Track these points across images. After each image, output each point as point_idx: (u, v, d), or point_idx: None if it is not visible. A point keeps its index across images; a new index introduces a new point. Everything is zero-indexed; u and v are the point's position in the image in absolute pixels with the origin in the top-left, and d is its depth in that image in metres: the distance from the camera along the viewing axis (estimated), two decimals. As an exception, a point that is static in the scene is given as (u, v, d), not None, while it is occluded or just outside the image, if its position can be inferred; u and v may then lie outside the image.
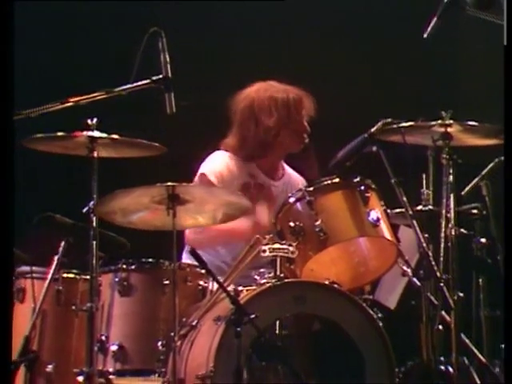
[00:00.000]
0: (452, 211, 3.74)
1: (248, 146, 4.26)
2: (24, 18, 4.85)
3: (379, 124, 3.82)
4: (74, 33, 4.98)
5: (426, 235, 3.78)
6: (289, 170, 4.41)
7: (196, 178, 4.24)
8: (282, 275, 3.67)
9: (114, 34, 4.94)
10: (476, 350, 3.82)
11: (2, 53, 3.20)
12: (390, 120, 3.82)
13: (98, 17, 5.01)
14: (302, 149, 4.23)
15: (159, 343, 3.73)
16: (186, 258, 4.06)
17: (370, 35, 4.90)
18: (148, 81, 3.66)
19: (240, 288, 3.66)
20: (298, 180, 4.39)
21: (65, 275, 3.88)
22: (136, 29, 4.02)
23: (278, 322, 3.57)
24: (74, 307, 3.83)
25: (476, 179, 4.03)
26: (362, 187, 3.81)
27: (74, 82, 4.24)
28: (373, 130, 3.83)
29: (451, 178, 3.76)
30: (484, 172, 4.05)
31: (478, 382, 3.69)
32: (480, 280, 3.96)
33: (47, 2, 4.96)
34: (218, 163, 4.26)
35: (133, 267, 3.86)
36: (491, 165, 4.05)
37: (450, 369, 3.64)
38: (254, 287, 3.66)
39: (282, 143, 4.25)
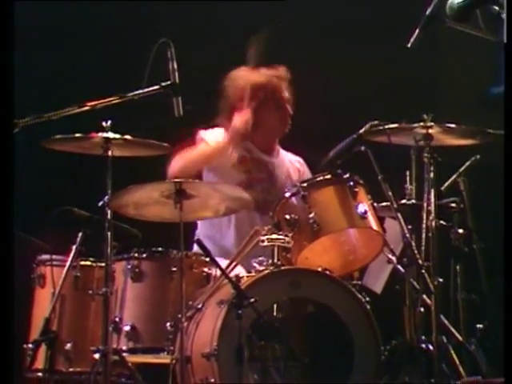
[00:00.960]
0: (432, 205, 3.73)
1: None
2: (36, 26, 4.86)
3: (367, 126, 3.82)
4: (85, 42, 4.95)
5: (409, 226, 3.76)
6: (285, 152, 4.37)
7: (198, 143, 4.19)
8: (279, 263, 3.67)
9: (123, 43, 4.92)
10: (454, 330, 3.81)
11: (3, 53, 3.10)
12: (376, 122, 3.82)
13: (109, 27, 4.99)
14: None
15: (168, 324, 3.72)
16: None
17: (356, 39, 4.88)
18: (158, 86, 3.66)
19: (241, 274, 3.67)
20: (295, 159, 4.36)
21: (82, 263, 3.88)
22: (143, 39, 4.04)
23: (275, 306, 3.58)
24: (90, 292, 3.83)
25: (454, 176, 4.04)
26: (351, 183, 3.82)
27: (84, 88, 4.21)
28: (361, 131, 3.82)
29: (432, 174, 3.75)
30: (461, 169, 4.05)
31: (456, 358, 3.67)
32: (457, 267, 3.96)
33: (57, 12, 4.94)
34: (217, 134, 4.21)
35: (144, 255, 3.86)
36: (468, 163, 4.06)
37: (431, 346, 3.62)
38: (253, 274, 3.66)
39: (265, 122, 4.23)
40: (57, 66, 4.82)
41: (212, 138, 4.18)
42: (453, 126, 3.82)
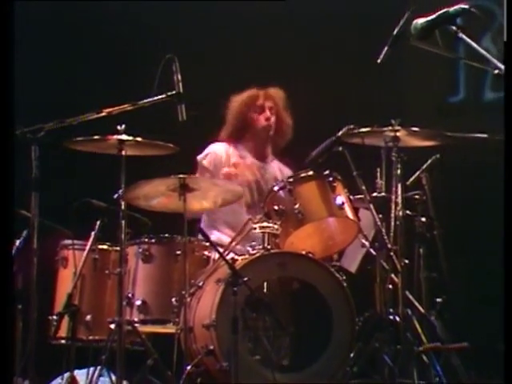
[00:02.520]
0: (399, 197, 3.74)
1: (231, 131, 4.25)
2: (59, 42, 4.81)
3: (344, 129, 3.82)
4: (100, 55, 4.92)
5: (380, 215, 3.77)
6: (277, 161, 4.35)
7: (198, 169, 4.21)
8: (268, 247, 3.67)
9: (132, 56, 4.89)
10: (417, 303, 3.80)
11: (3, 55, 2.96)
12: (352, 126, 3.82)
13: (122, 43, 4.95)
14: None
15: (173, 299, 3.72)
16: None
17: (337, 57, 4.87)
18: (164, 95, 3.66)
19: (236, 257, 3.67)
20: (286, 170, 4.32)
21: (100, 247, 3.86)
22: (150, 52, 4.01)
23: (265, 283, 3.58)
24: (106, 271, 3.82)
25: (418, 172, 4.02)
26: (330, 178, 3.82)
27: (99, 96, 4.18)
28: (339, 134, 3.82)
29: (399, 171, 3.76)
30: (424, 167, 4.03)
31: (418, 327, 3.67)
32: (420, 250, 3.95)
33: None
34: (209, 151, 4.21)
35: (153, 240, 3.85)
36: (429, 161, 4.05)
37: (397, 318, 3.64)
38: (247, 256, 3.66)
39: (251, 128, 4.22)
40: (76, 78, 4.79)
41: (205, 156, 4.18)
42: (416, 129, 3.82)
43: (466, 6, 2.86)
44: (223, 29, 4.96)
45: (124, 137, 3.66)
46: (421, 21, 2.90)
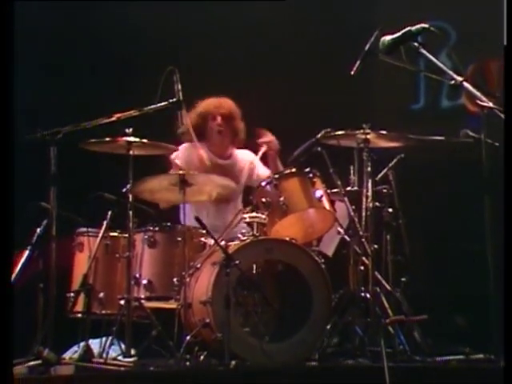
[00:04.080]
0: (370, 191, 3.75)
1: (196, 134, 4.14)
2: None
3: (322, 132, 3.81)
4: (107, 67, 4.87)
5: (353, 207, 3.77)
6: (238, 152, 4.28)
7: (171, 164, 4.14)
8: (257, 234, 3.66)
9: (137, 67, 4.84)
10: (384, 282, 3.80)
11: (2, 54, 2.76)
12: (329, 129, 3.82)
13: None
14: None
15: (175, 279, 3.69)
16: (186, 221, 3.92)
17: (317, 69, 4.84)
18: (166, 102, 3.64)
19: (229, 242, 3.65)
20: (247, 159, 4.25)
21: (111, 234, 3.81)
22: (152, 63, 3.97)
23: (254, 266, 3.56)
24: (117, 255, 3.76)
25: (385, 169, 4.03)
26: (311, 174, 3.80)
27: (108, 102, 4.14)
28: (318, 136, 3.81)
29: (369, 168, 3.76)
30: (390, 164, 4.03)
31: (385, 303, 3.68)
32: (388, 236, 3.95)
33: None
34: (180, 151, 4.13)
35: (157, 228, 3.82)
36: (395, 160, 4.05)
37: (368, 295, 3.65)
38: (238, 242, 3.64)
39: (207, 132, 4.19)
40: (89, 88, 4.75)
41: (177, 155, 4.11)
42: (384, 132, 3.83)
43: (426, 25, 2.86)
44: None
45: (132, 138, 3.64)
46: (387, 38, 2.90)
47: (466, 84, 2.68)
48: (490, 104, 2.63)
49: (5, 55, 2.77)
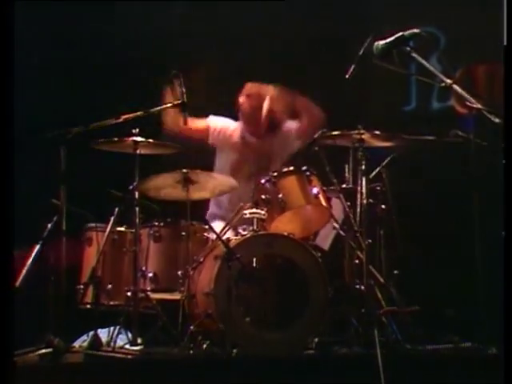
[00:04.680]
0: (364, 188, 3.72)
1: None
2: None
3: (319, 132, 3.81)
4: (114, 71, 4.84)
5: (348, 203, 3.77)
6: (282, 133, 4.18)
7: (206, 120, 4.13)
8: (257, 229, 3.65)
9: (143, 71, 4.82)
10: (378, 275, 3.79)
11: (3, 55, 2.69)
12: (325, 130, 3.81)
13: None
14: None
15: (179, 272, 3.69)
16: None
17: (317, 73, 4.80)
18: (171, 104, 3.64)
19: (230, 237, 3.65)
20: (287, 128, 4.16)
21: (118, 229, 3.81)
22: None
23: (254, 259, 3.55)
24: (124, 249, 3.77)
25: (379, 168, 4.00)
26: (308, 173, 3.79)
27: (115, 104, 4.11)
28: (315, 136, 3.80)
29: (363, 167, 3.73)
30: (383, 163, 4.00)
31: (379, 294, 3.68)
32: (381, 232, 3.93)
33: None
34: (223, 121, 4.13)
35: (162, 224, 3.82)
36: (388, 159, 4.01)
37: (362, 287, 3.64)
38: (239, 237, 3.64)
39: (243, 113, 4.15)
40: (96, 90, 4.73)
41: (215, 121, 4.08)
42: (378, 132, 3.81)
43: (418, 31, 2.86)
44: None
45: (138, 138, 3.64)
46: (381, 42, 2.90)
47: (455, 86, 2.68)
48: (478, 105, 2.63)
49: (5, 55, 2.72)
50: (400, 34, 2.84)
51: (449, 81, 2.72)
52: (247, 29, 4.84)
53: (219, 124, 4.15)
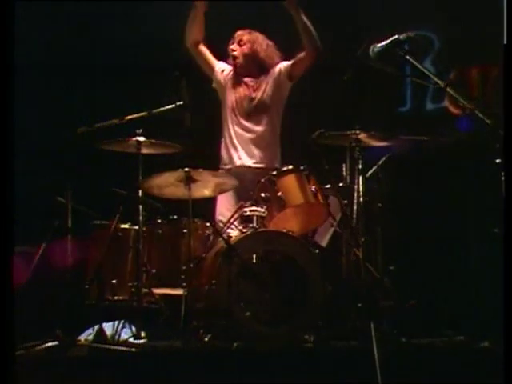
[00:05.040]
0: (360, 187, 3.74)
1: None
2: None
3: (317, 133, 3.79)
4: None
5: (345, 201, 3.77)
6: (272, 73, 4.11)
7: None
8: (257, 227, 3.66)
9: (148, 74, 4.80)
10: (373, 270, 3.79)
11: (3, 55, 2.63)
12: (323, 130, 3.81)
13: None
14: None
15: (181, 268, 3.67)
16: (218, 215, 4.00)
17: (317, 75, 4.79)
18: (174, 105, 3.64)
19: (231, 234, 3.67)
20: (272, 70, 4.11)
21: (122, 226, 3.80)
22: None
23: (254, 255, 3.54)
24: (128, 246, 3.76)
25: (374, 167, 3.99)
26: (306, 171, 3.79)
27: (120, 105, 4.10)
28: (313, 136, 3.80)
29: (360, 166, 3.75)
30: (379, 163, 4.00)
31: (375, 290, 3.68)
32: (377, 229, 3.95)
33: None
34: (225, 65, 4.15)
35: (164, 221, 3.81)
36: (383, 158, 4.01)
37: (359, 283, 3.63)
38: (239, 234, 3.65)
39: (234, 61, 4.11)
40: (101, 91, 4.73)
41: (220, 64, 4.12)
42: (374, 133, 3.81)
43: (412, 34, 2.86)
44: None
45: (141, 138, 3.64)
46: (377, 45, 2.90)
47: (449, 88, 2.69)
48: (471, 106, 2.64)
49: (5, 55, 2.67)
50: (395, 37, 2.85)
51: (443, 82, 2.73)
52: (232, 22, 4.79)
53: (222, 66, 4.18)
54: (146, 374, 3.06)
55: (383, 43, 2.85)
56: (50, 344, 3.27)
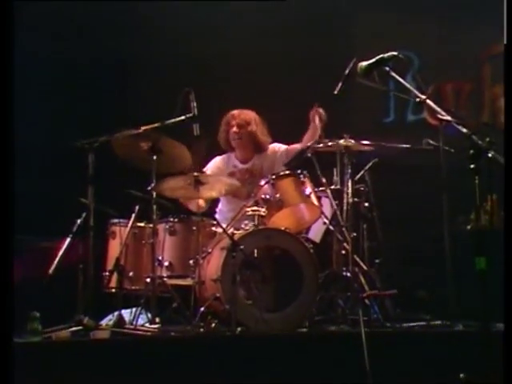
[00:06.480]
0: (350, 189, 3.75)
1: (223, 145, 4.18)
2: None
3: (313, 141, 3.82)
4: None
5: (336, 202, 3.78)
6: (269, 148, 4.15)
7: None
8: (258, 225, 3.66)
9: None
10: (362, 263, 3.80)
11: (3, 56, 2.46)
12: (318, 139, 3.82)
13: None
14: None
15: (191, 261, 3.67)
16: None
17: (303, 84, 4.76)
18: (184, 117, 3.64)
19: (235, 231, 3.66)
20: (269, 150, 4.15)
21: (138, 224, 3.78)
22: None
23: (255, 250, 3.55)
24: (143, 241, 3.74)
25: (362, 171, 4.01)
26: (301, 175, 3.80)
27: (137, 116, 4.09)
28: (309, 144, 3.83)
29: (349, 170, 3.76)
30: (366, 167, 4.00)
31: (362, 280, 3.69)
32: (364, 226, 3.94)
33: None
34: (211, 165, 4.18)
35: (176, 220, 3.79)
36: (370, 163, 4.02)
37: (348, 274, 3.65)
38: (242, 231, 3.65)
39: (230, 142, 4.14)
40: (119, 103, 4.72)
41: (208, 168, 4.10)
42: (362, 141, 3.82)
43: (396, 53, 2.87)
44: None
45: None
46: (364, 63, 2.91)
47: (428, 101, 2.70)
48: (448, 118, 2.64)
49: (5, 55, 2.49)
50: (380, 56, 2.86)
51: (423, 96, 2.74)
52: (233, 41, 4.77)
53: (209, 168, 4.11)
54: (160, 355, 3.06)
55: (369, 61, 2.85)
56: (74, 329, 3.26)
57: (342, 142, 3.80)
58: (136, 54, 4.79)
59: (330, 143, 3.81)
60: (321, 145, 3.77)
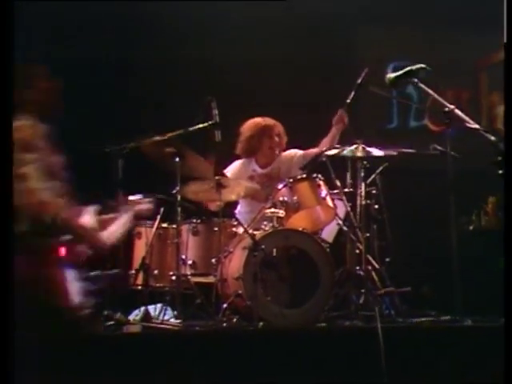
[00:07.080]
0: (362, 191, 3.76)
1: (246, 152, 4.16)
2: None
3: (327, 147, 3.85)
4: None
5: (349, 204, 3.79)
6: (282, 156, 4.11)
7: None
8: (277, 225, 3.68)
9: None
10: (373, 262, 3.80)
11: (3, 56, 2.34)
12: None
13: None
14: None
15: (213, 260, 3.69)
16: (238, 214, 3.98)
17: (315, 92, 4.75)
18: (206, 124, 3.66)
19: (254, 231, 3.67)
20: (286, 157, 4.10)
21: (163, 225, 3.79)
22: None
23: (274, 250, 3.56)
24: (168, 241, 3.75)
25: (373, 175, 3.99)
26: (317, 179, 3.81)
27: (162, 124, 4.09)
28: (323, 149, 3.85)
29: (362, 174, 3.76)
30: (377, 171, 3.99)
31: (375, 277, 3.71)
32: (374, 226, 3.94)
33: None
34: (231, 168, 4.17)
35: (199, 221, 3.81)
36: (381, 167, 4.00)
37: (361, 272, 3.67)
38: (262, 232, 3.66)
39: (263, 150, 4.13)
40: (146, 113, 4.65)
41: (228, 171, 4.07)
42: (372, 147, 3.82)
43: (424, 65, 2.90)
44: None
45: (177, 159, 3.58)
46: (392, 75, 2.93)
47: (457, 110, 2.71)
48: (476, 126, 2.66)
49: (5, 55, 2.37)
50: (409, 68, 2.88)
51: (451, 106, 2.76)
52: (242, 48, 4.71)
53: (229, 172, 4.07)
54: (184, 349, 3.08)
55: (398, 73, 2.87)
56: (106, 323, 3.28)
57: (354, 148, 3.79)
58: (141, 56, 4.71)
59: (343, 148, 3.81)
60: (336, 151, 3.78)
